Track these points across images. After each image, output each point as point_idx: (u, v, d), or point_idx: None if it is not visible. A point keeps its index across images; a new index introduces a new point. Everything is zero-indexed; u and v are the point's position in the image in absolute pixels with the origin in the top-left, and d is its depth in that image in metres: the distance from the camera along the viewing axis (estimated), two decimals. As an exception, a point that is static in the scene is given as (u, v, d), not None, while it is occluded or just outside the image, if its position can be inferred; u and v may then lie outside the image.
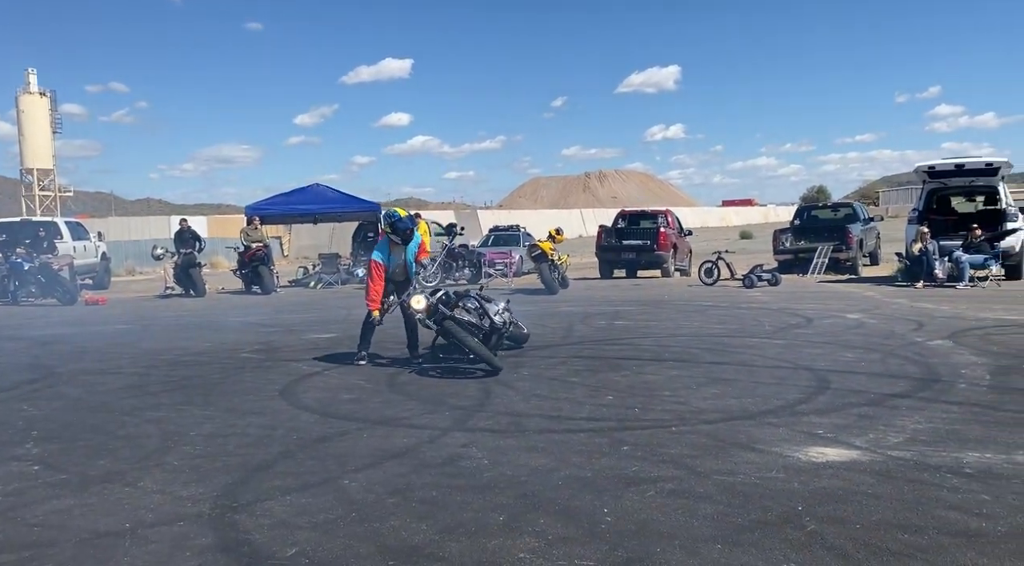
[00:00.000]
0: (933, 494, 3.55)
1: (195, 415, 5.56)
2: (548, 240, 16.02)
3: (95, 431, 5.17)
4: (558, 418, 5.22)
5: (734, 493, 3.63)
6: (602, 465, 4.11)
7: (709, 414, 5.16)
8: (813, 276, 17.53)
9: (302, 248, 36.66)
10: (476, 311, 7.25)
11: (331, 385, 6.58)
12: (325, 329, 10.47)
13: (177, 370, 7.52)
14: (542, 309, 11.95)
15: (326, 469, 4.18)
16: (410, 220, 7.58)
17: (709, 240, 31.57)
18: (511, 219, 38.99)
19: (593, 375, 6.66)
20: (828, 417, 4.97)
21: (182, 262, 16.87)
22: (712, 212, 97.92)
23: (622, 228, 20.39)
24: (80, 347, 9.28)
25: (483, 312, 7.27)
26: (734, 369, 6.83)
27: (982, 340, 7.96)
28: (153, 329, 11.13)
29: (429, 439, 4.73)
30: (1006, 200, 15.91)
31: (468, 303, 7.29)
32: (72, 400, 6.24)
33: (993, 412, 5.03)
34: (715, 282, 16.13)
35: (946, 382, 5.97)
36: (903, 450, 4.22)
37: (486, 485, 3.84)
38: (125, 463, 4.41)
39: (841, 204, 24.00)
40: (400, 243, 7.48)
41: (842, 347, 7.76)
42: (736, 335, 8.95)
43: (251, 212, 19.53)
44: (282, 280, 19.28)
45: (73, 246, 19.30)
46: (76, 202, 76.35)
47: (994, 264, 14.44)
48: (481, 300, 7.44)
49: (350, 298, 15.72)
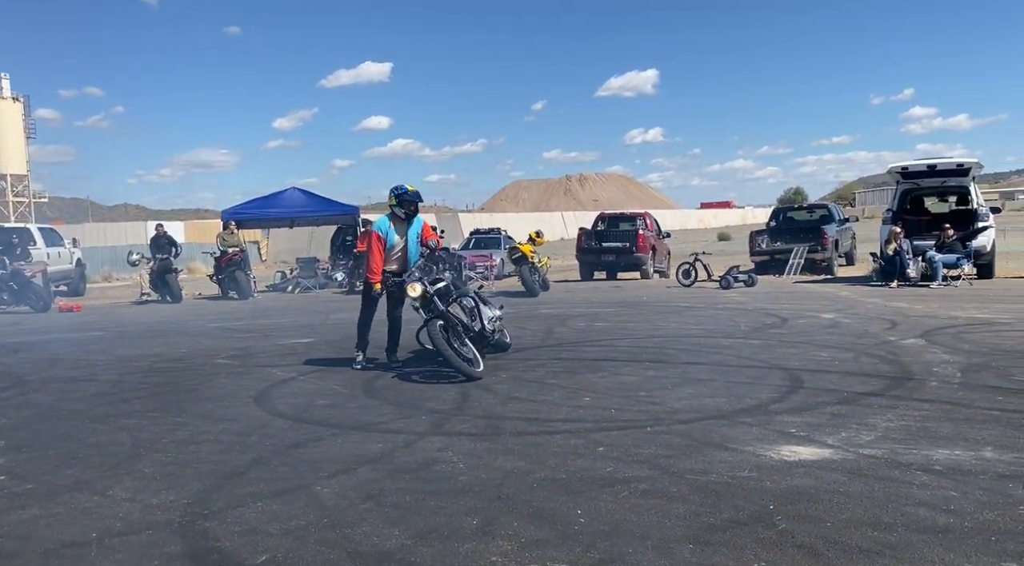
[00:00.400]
0: (903, 491, 3.58)
1: (168, 422, 5.50)
2: (528, 243, 16.05)
3: (65, 439, 5.09)
4: (535, 420, 5.22)
5: (707, 492, 3.64)
6: (577, 467, 4.11)
7: (684, 414, 5.18)
8: (789, 277, 17.69)
9: (280, 252, 36.45)
10: (471, 311, 7.17)
11: (307, 390, 6.54)
12: (302, 334, 10.40)
13: (151, 377, 7.43)
14: (522, 311, 11.96)
15: (299, 475, 4.15)
16: (417, 195, 7.33)
17: (687, 242, 31.76)
18: (492, 222, 39.04)
19: (571, 377, 6.67)
20: (801, 416, 5.00)
21: (158, 268, 16.71)
22: (691, 214, 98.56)
23: (602, 230, 20.48)
24: (52, 355, 9.15)
25: (477, 314, 7.19)
26: (709, 369, 6.86)
27: (954, 338, 8.06)
28: (128, 336, 11.00)
29: (404, 444, 4.71)
30: (977, 200, 16.15)
31: (465, 302, 7.21)
32: (42, 408, 6.15)
33: (963, 409, 5.10)
34: (693, 283, 16.22)
35: (918, 380, 6.04)
36: (874, 448, 4.26)
37: (460, 489, 3.83)
38: (95, 471, 4.35)
39: (816, 205, 24.23)
40: (403, 219, 7.31)
41: (816, 346, 7.83)
42: (712, 335, 9.00)
43: (228, 217, 19.39)
44: (259, 285, 19.15)
45: (47, 252, 19.04)
46: (52, 208, 75.45)
47: (966, 263, 14.64)
48: (479, 301, 7.37)
49: (328, 302, 15.64)
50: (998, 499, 3.44)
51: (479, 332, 7.13)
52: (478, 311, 7.25)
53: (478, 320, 7.17)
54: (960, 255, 14.61)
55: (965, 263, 14.62)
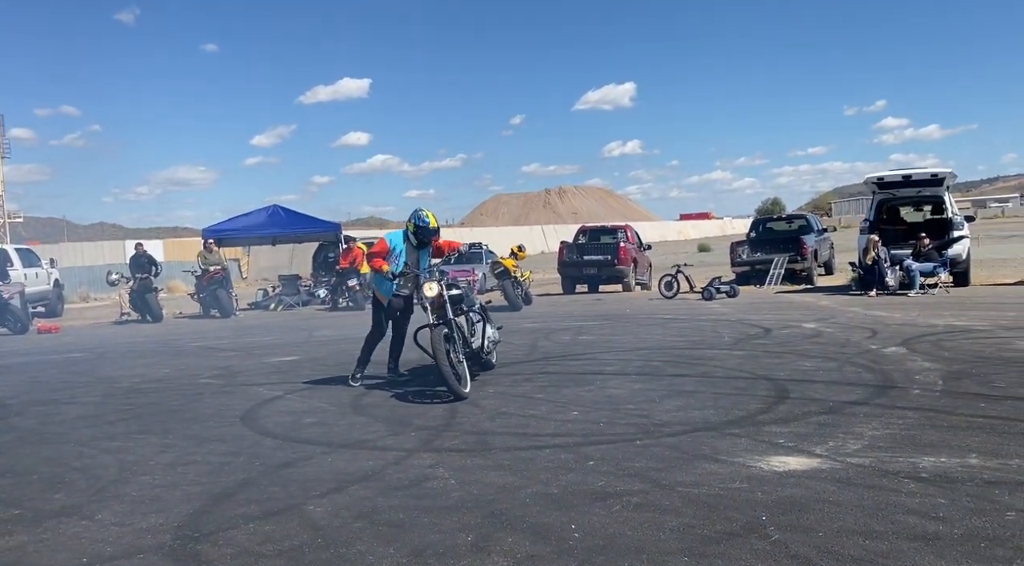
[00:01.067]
0: (892, 499, 3.62)
1: (154, 444, 5.44)
2: (510, 257, 16.08)
3: (49, 463, 5.02)
4: (524, 435, 5.23)
5: (699, 505, 3.67)
6: (569, 481, 4.12)
7: (673, 426, 5.21)
8: (770, 287, 17.85)
9: (261, 270, 36.23)
10: (474, 326, 7.11)
11: (294, 409, 6.50)
12: (286, 352, 10.34)
13: (134, 398, 7.35)
14: (507, 326, 11.90)
15: (290, 495, 4.12)
16: (434, 232, 7.39)
17: (668, 253, 31.97)
18: (473, 236, 39.07)
19: (558, 391, 6.68)
20: (788, 426, 5.05)
21: (138, 287, 16.55)
22: (670, 226, 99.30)
23: (583, 244, 20.56)
24: (33, 377, 9.03)
25: (480, 330, 7.13)
26: (696, 381, 6.91)
27: (934, 346, 8.18)
28: (109, 356, 10.87)
29: (395, 461, 4.70)
30: (952, 209, 16.40)
31: (473, 315, 7.17)
32: (25, 432, 6.07)
33: (947, 416, 5.17)
34: (675, 295, 16.32)
35: (901, 388, 6.11)
36: (862, 457, 4.31)
37: (453, 506, 3.83)
38: (81, 496, 4.30)
39: (795, 216, 24.51)
40: (415, 246, 7.34)
41: (800, 356, 7.91)
42: (697, 347, 9.06)
43: (208, 235, 19.26)
44: (241, 303, 19.00)
45: (24, 273, 18.79)
46: (27, 228, 74.46)
47: (943, 271, 14.86)
48: (484, 316, 7.32)
49: (311, 320, 15.56)
50: (985, 505, 3.49)
51: (475, 350, 7.06)
52: (482, 327, 7.21)
53: (479, 336, 7.11)
54: (936, 263, 14.83)
55: (942, 271, 14.84)
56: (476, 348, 7.08)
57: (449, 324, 6.67)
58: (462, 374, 6.60)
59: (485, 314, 7.42)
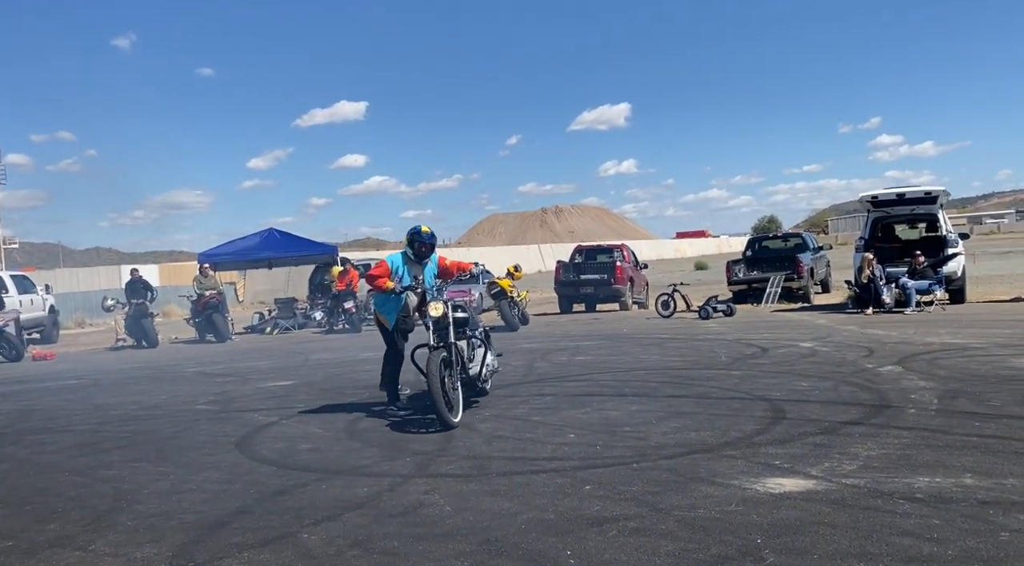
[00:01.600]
0: (887, 521, 3.62)
1: (149, 472, 5.42)
2: (507, 277, 16.11)
3: (43, 493, 5.00)
4: (521, 459, 5.21)
5: (695, 528, 3.66)
6: (565, 506, 4.11)
7: (669, 449, 5.20)
8: (767, 306, 17.88)
9: (257, 293, 36.19)
10: (475, 352, 6.97)
11: (289, 435, 6.48)
12: (282, 376, 10.32)
13: (129, 425, 7.33)
14: (503, 347, 11.90)
15: (284, 523, 4.10)
16: (429, 237, 7.11)
17: (665, 272, 32.03)
18: (470, 256, 39.16)
19: (555, 413, 6.67)
20: (784, 447, 5.05)
21: (133, 312, 16.54)
22: (667, 244, 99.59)
23: (579, 263, 20.63)
24: (27, 405, 9.00)
25: (481, 357, 6.97)
26: (693, 402, 6.90)
27: (930, 365, 8.19)
28: (104, 383, 10.84)
29: (390, 487, 4.68)
30: (946, 227, 16.49)
31: (475, 341, 7.03)
32: (19, 461, 6.04)
33: (942, 436, 5.17)
34: (672, 314, 16.34)
35: (897, 408, 6.12)
36: (857, 478, 4.31)
37: (448, 532, 3.81)
38: (76, 525, 4.28)
39: (791, 234, 24.62)
40: (415, 260, 7.13)
41: (796, 376, 7.91)
42: (694, 367, 9.06)
43: (203, 259, 19.31)
44: (237, 327, 18.98)
45: (19, 300, 18.78)
46: (22, 253, 74.45)
47: (939, 289, 14.90)
48: (486, 342, 7.17)
49: (307, 344, 15.54)
50: (980, 526, 3.49)
51: (472, 376, 6.89)
52: (482, 353, 7.04)
53: (477, 363, 6.96)
54: (932, 281, 14.88)
55: (937, 289, 14.88)
56: (473, 375, 6.92)
57: (449, 348, 6.51)
58: (455, 402, 6.40)
59: (487, 340, 7.31)
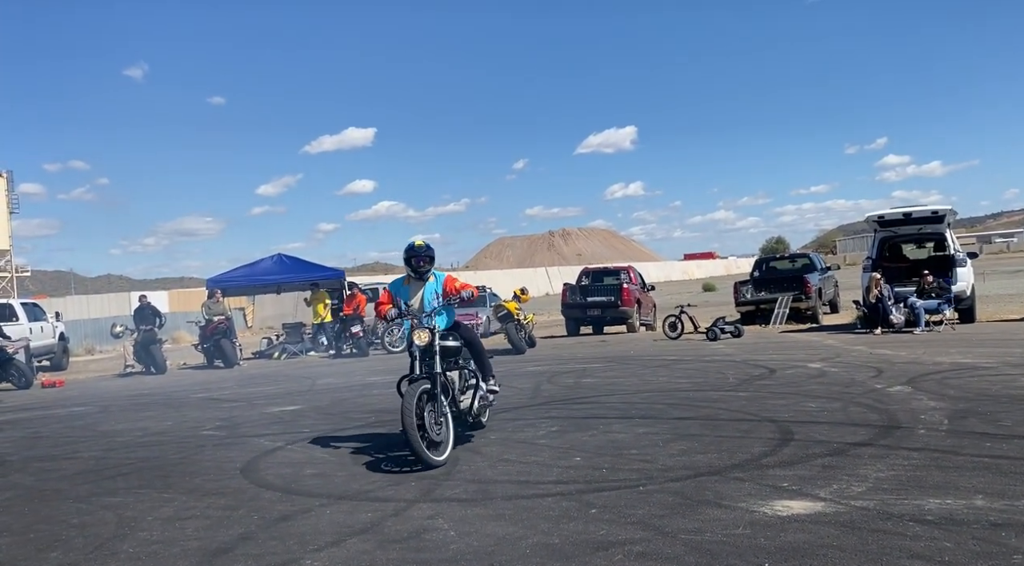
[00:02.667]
0: (896, 543, 3.56)
1: (153, 498, 5.40)
2: (514, 300, 16.13)
3: (47, 521, 4.98)
4: (526, 483, 5.17)
5: (701, 552, 3.61)
6: (570, 530, 4.07)
7: (676, 471, 5.15)
8: (775, 326, 17.80)
9: (266, 318, 36.34)
10: (466, 383, 6.56)
11: (294, 460, 6.45)
12: (288, 401, 10.31)
13: (135, 452, 7.32)
14: (510, 369, 11.92)
15: (288, 549, 4.07)
16: (424, 250, 6.55)
17: (672, 294, 31.96)
18: (478, 279, 39.20)
19: (561, 436, 6.63)
20: (792, 469, 4.99)
21: (142, 339, 16.58)
22: (675, 266, 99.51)
23: (586, 285, 20.62)
24: (35, 432, 9.00)
25: (473, 388, 6.55)
26: (700, 424, 6.85)
27: (939, 385, 8.11)
28: (112, 410, 10.85)
29: (394, 512, 4.65)
30: (954, 246, 16.42)
31: (467, 372, 6.60)
32: (24, 489, 6.03)
33: (952, 457, 5.11)
34: (679, 336, 16.28)
35: (906, 428, 6.05)
36: (866, 499, 4.25)
37: (452, 557, 3.77)
38: (78, 554, 4.25)
39: (798, 255, 24.62)
40: (416, 277, 6.61)
41: (805, 397, 7.85)
42: (701, 389, 9.00)
43: (212, 285, 19.38)
44: (245, 352, 19.00)
45: (29, 327, 18.89)
46: (34, 281, 74.92)
47: (948, 309, 14.80)
48: (482, 374, 6.70)
49: (315, 368, 15.54)
50: (992, 548, 3.43)
51: (462, 410, 6.40)
52: (475, 385, 6.61)
53: (468, 397, 6.51)
54: (941, 301, 14.79)
55: (946, 308, 14.79)
56: (463, 409, 6.43)
57: (434, 378, 5.95)
58: (442, 439, 5.83)
59: (483, 370, 6.73)
